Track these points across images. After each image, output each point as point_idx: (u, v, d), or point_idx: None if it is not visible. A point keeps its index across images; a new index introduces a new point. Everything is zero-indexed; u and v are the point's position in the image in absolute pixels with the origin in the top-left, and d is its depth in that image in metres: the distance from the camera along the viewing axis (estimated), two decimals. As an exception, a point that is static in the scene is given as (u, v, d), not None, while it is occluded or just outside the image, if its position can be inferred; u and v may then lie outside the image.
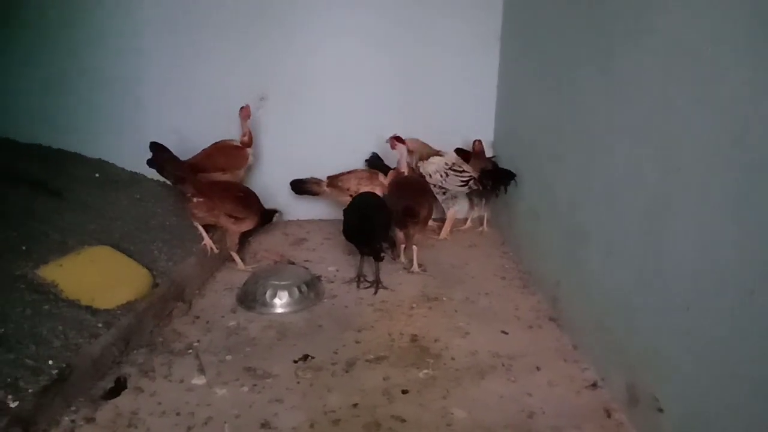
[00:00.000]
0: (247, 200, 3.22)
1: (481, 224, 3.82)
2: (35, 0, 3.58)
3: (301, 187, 3.57)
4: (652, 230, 1.93)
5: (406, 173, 3.39)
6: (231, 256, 3.24)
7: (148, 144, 3.11)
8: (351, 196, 3.34)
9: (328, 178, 3.54)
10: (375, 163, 3.67)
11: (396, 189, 3.21)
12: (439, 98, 3.78)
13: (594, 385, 2.27)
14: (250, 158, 3.52)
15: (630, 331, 2.09)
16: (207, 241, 3.14)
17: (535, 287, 3.05)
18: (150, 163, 3.11)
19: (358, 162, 3.74)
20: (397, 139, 3.35)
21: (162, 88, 3.65)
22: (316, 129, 3.75)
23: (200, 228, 3.14)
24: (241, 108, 3.43)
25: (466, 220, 3.92)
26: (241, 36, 3.59)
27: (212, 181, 3.21)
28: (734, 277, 1.55)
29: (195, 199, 3.06)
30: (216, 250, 3.19)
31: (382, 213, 3.00)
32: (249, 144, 3.48)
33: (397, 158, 3.39)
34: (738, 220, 1.53)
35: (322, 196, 3.63)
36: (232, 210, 3.11)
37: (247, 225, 3.22)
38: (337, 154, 3.68)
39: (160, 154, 3.09)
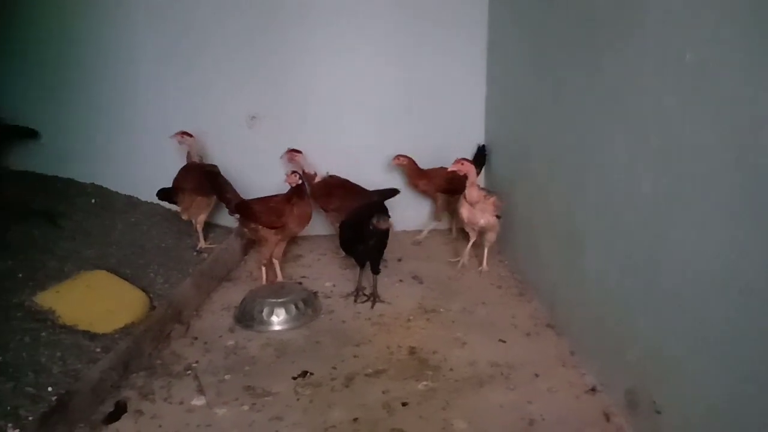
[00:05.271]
0: (276, 209, 3.08)
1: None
2: (32, 28, 3.65)
3: None
4: (649, 233, 1.93)
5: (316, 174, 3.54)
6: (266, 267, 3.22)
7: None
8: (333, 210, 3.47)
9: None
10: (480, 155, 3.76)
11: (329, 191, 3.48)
12: (427, 112, 3.83)
13: (593, 390, 2.28)
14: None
15: (628, 335, 2.09)
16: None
17: (532, 295, 3.06)
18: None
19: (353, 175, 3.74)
20: (294, 152, 3.52)
21: (156, 111, 3.68)
22: (309, 146, 3.77)
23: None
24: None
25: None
26: (236, 60, 3.64)
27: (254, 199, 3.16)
28: (732, 278, 1.54)
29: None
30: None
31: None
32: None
33: (300, 167, 3.48)
34: (735, 221, 1.52)
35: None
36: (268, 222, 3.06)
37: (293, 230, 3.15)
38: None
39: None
